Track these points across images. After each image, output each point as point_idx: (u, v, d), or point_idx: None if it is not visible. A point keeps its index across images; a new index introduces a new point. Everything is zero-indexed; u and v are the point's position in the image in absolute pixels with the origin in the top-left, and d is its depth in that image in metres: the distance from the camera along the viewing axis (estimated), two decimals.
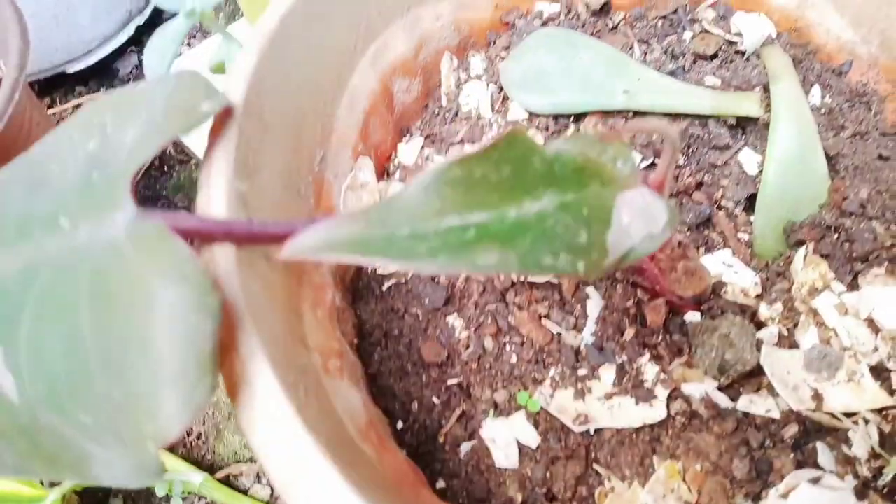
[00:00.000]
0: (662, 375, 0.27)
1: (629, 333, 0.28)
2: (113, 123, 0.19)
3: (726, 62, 0.36)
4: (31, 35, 0.40)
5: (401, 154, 0.35)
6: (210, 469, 0.41)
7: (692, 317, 0.28)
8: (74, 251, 0.16)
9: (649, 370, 0.27)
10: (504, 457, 0.26)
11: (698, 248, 0.31)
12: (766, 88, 0.34)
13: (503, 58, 0.38)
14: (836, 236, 0.30)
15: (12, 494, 0.37)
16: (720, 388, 0.27)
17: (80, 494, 0.41)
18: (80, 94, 0.62)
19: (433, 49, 0.37)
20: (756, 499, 0.24)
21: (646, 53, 0.37)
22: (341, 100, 0.31)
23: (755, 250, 0.31)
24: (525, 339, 0.28)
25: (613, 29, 0.39)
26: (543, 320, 0.28)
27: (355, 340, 0.29)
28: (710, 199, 0.32)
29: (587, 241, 0.17)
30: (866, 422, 0.25)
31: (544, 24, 0.38)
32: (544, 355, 0.28)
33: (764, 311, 0.28)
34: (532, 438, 0.26)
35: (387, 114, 0.34)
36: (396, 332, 0.29)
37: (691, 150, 0.33)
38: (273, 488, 0.42)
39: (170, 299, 0.15)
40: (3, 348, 0.15)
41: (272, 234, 0.18)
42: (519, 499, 0.25)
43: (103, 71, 0.63)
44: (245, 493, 0.41)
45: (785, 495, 0.24)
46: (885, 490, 0.24)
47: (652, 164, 0.33)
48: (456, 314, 0.29)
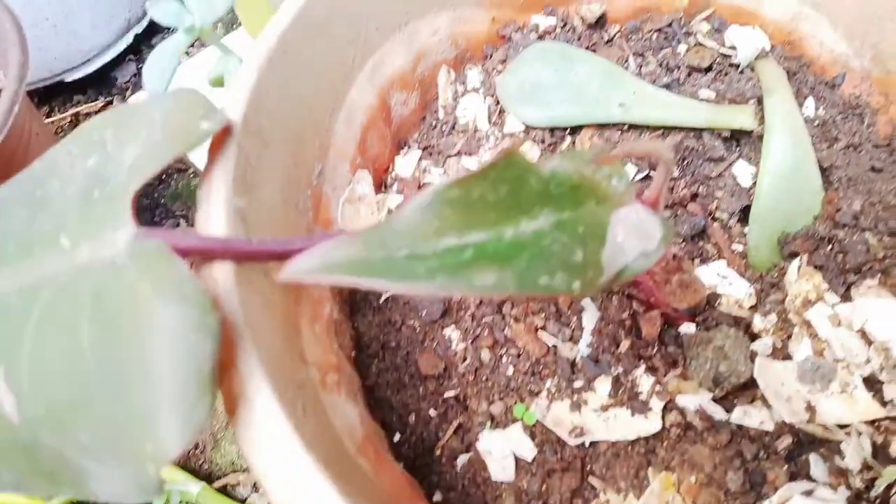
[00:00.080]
0: (657, 387, 0.27)
1: (624, 345, 0.28)
2: (113, 140, 0.20)
3: (721, 75, 0.37)
4: (30, 44, 0.40)
5: (398, 167, 0.35)
6: (208, 478, 0.41)
7: (687, 328, 0.28)
8: (75, 270, 0.17)
9: (644, 382, 0.27)
10: (500, 469, 0.26)
11: (693, 260, 0.31)
12: (760, 101, 0.34)
13: (500, 71, 0.38)
14: (830, 248, 0.30)
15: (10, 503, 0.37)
16: (715, 400, 0.27)
17: None
18: (79, 102, 0.63)
19: (431, 62, 0.37)
20: None
21: (641, 66, 0.37)
22: (339, 114, 0.31)
23: (749, 262, 0.31)
24: (521, 351, 0.28)
25: (609, 42, 0.39)
26: (539, 332, 0.29)
27: (353, 353, 0.29)
28: (705, 210, 0.33)
29: (583, 259, 0.17)
30: (859, 433, 0.26)
31: (540, 37, 0.39)
32: (540, 367, 0.28)
33: (758, 322, 0.29)
34: (528, 451, 0.26)
35: (384, 127, 0.34)
36: (394, 344, 0.29)
37: (686, 162, 0.34)
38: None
39: (170, 319, 0.15)
40: (5, 368, 0.16)
41: (271, 251, 0.18)
42: None
43: (102, 79, 0.64)
44: (243, 502, 0.41)
45: None
46: (878, 501, 0.24)
47: (647, 176, 0.33)
48: (453, 326, 0.29)
